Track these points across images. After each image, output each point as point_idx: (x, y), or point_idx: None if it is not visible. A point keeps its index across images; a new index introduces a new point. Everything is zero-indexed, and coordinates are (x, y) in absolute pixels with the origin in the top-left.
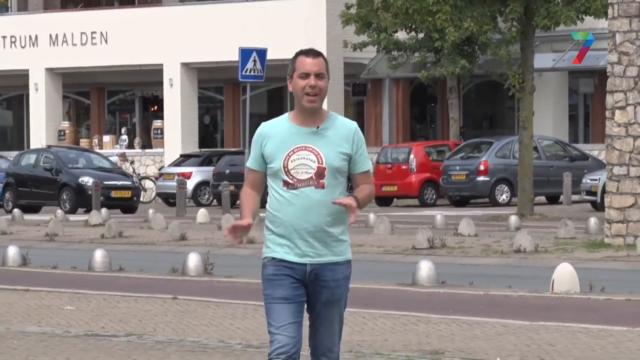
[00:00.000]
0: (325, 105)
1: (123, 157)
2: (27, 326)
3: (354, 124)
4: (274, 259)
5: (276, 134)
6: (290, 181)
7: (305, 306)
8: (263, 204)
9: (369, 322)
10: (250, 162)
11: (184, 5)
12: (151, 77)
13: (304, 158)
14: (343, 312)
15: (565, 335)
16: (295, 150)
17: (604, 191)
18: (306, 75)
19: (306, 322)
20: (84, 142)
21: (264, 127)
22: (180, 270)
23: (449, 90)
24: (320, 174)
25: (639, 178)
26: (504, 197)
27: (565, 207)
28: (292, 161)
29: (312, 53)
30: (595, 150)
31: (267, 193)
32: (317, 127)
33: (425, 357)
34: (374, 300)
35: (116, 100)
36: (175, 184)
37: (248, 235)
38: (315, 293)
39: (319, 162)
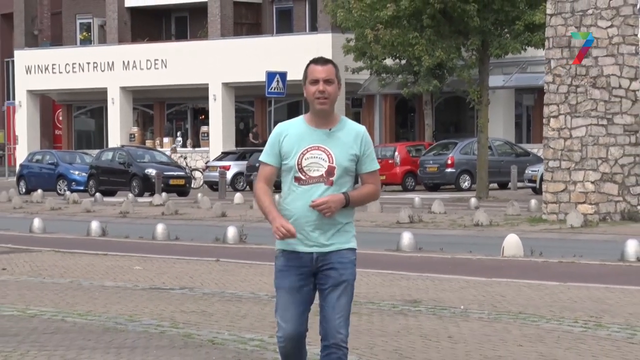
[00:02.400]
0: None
1: (174, 150)
2: (106, 281)
3: (363, 128)
4: (284, 251)
5: (293, 133)
6: (303, 177)
7: (317, 293)
8: None
9: (364, 279)
10: (267, 158)
11: (224, 39)
12: (199, 93)
13: (316, 157)
14: (351, 299)
15: (512, 288)
16: (309, 149)
17: (542, 179)
18: (316, 82)
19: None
20: (149, 143)
21: (282, 126)
22: (221, 239)
23: (424, 103)
24: (330, 172)
25: (568, 170)
26: (466, 184)
27: (512, 192)
28: (305, 159)
29: (321, 61)
30: (535, 149)
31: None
32: (330, 129)
33: (406, 305)
34: (368, 262)
35: (173, 111)
36: (217, 174)
37: None
38: (323, 277)
39: (329, 162)
